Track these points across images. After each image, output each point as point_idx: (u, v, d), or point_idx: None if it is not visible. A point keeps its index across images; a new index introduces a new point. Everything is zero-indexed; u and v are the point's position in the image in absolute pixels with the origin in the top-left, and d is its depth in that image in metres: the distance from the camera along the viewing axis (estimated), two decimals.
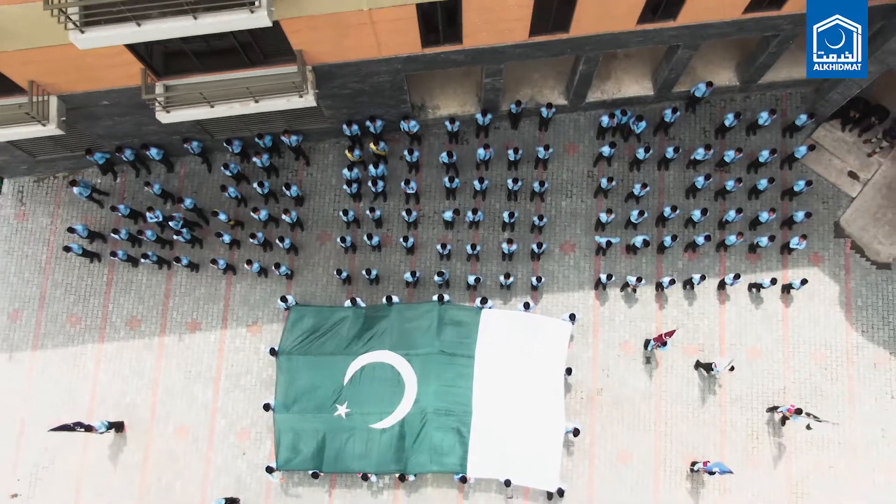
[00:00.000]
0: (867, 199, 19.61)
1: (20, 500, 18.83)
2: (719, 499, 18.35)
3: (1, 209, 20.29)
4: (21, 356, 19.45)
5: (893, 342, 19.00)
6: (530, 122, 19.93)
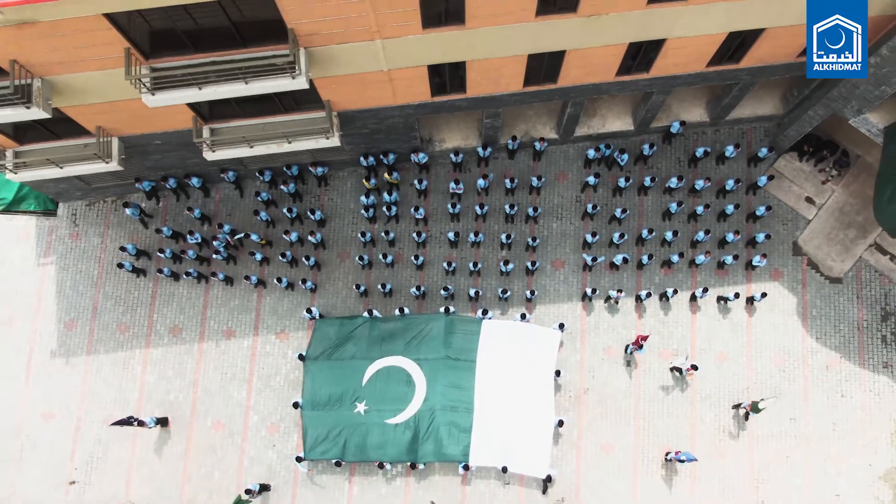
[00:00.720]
0: (822, 222, 22.25)
1: (77, 486, 21.45)
2: (690, 485, 20.98)
3: (57, 230, 22.92)
4: (76, 360, 22.07)
5: (843, 347, 21.64)
6: (525, 154, 22.57)
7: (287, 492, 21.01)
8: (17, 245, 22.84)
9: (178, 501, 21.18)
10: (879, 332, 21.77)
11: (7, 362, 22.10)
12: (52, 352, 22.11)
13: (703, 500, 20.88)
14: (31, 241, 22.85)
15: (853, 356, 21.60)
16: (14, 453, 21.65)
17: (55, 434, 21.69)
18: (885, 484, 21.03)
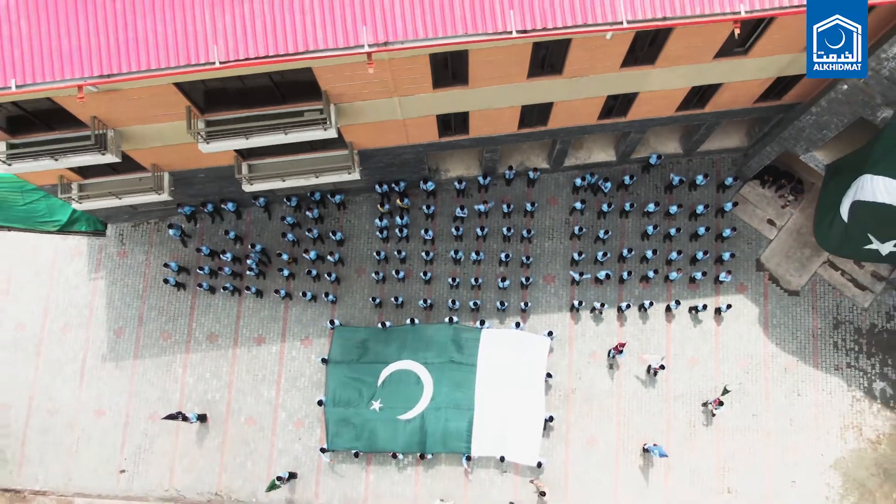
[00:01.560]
0: (781, 242, 25.22)
1: (127, 475, 24.40)
2: (665, 473, 23.94)
3: (106, 248, 25.89)
4: (125, 364, 25.03)
5: (800, 352, 24.60)
6: (520, 181, 25.54)
7: (312, 479, 23.98)
8: (71, 262, 25.81)
9: (216, 488, 24.15)
10: (831, 339, 24.74)
11: (63, 366, 25.07)
12: (103, 356, 25.08)
13: (675, 486, 23.84)
14: (83, 258, 25.83)
15: (808, 360, 24.57)
16: (70, 446, 24.62)
17: (107, 429, 24.65)
18: (835, 472, 23.98)
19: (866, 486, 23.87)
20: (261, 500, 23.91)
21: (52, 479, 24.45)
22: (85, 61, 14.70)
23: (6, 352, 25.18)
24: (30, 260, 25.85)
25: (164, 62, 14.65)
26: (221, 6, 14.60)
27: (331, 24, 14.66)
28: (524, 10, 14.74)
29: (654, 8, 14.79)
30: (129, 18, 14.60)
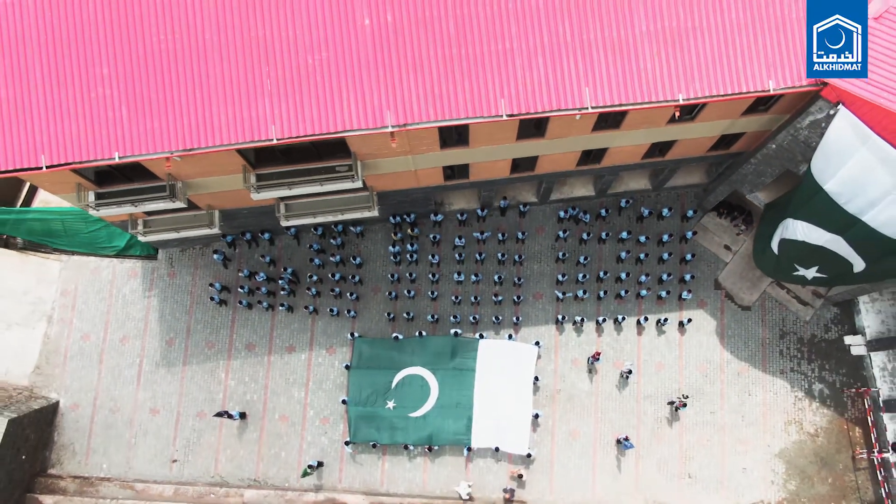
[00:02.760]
0: (736, 264, 29.50)
1: (178, 464, 28.65)
2: (635, 461, 28.22)
3: (157, 270, 30.15)
4: (175, 369, 29.28)
5: (751, 359, 28.87)
6: (513, 213, 29.83)
7: (336, 467, 28.25)
8: (127, 281, 30.07)
9: (254, 475, 28.40)
10: (778, 348, 29.02)
11: (122, 371, 29.32)
12: (156, 363, 29.34)
13: (644, 472, 28.12)
14: (138, 278, 30.09)
15: (758, 365, 28.84)
16: (129, 440, 28.87)
17: (160, 425, 28.90)
18: (779, 460, 28.25)
19: (806, 473, 28.16)
20: (293, 485, 28.18)
21: (114, 467, 28.70)
22: (172, 138, 19.01)
23: (74, 359, 29.43)
24: (92, 280, 30.11)
25: (234, 139, 18.98)
26: (279, 96, 18.92)
27: (363, 109, 18.98)
28: (512, 98, 19.06)
29: (612, 96, 19.11)
30: (208, 106, 18.92)
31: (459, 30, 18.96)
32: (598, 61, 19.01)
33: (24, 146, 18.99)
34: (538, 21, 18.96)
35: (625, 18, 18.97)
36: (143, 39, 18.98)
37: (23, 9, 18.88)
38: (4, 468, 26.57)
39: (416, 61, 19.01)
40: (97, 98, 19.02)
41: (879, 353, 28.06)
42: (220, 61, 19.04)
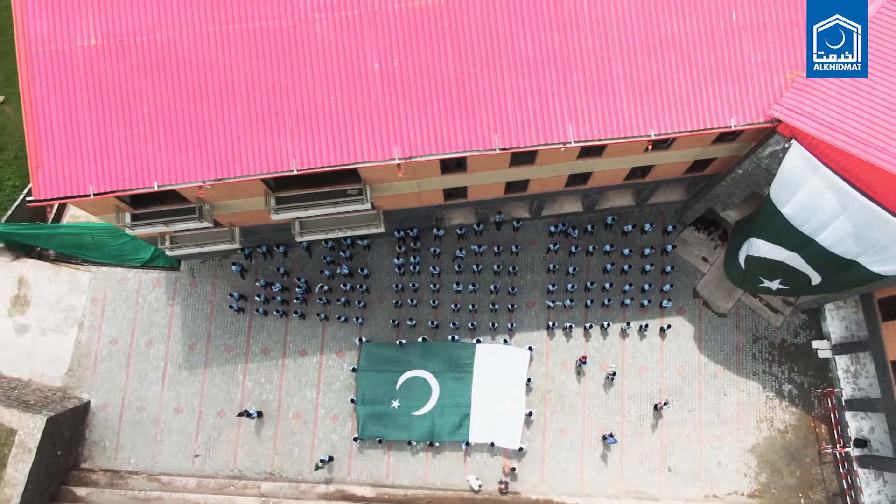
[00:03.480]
0: (713, 274, 32.06)
1: (200, 458, 31.18)
2: (619, 455, 30.76)
3: (180, 280, 32.69)
4: (197, 371, 31.82)
5: (726, 362, 31.42)
6: (507, 228, 32.39)
7: (345, 461, 30.80)
8: (152, 290, 32.61)
9: (270, 468, 30.95)
10: (751, 351, 31.58)
11: (148, 373, 31.85)
12: (179, 366, 31.88)
13: (628, 465, 30.68)
14: (162, 287, 32.63)
15: (732, 367, 31.39)
16: (155, 436, 31.41)
17: (183, 423, 31.44)
18: (752, 455, 30.80)
19: (776, 466, 30.72)
20: (306, 477, 30.73)
21: (141, 462, 31.24)
22: (205, 168, 21.56)
23: (103, 363, 31.98)
24: (120, 289, 32.66)
25: (259, 170, 21.54)
26: (298, 133, 21.48)
27: (373, 143, 21.54)
28: (503, 133, 21.61)
29: (592, 132, 21.68)
30: (236, 140, 21.47)
31: (458, 74, 21.52)
32: (579, 102, 21.58)
33: (75, 177, 21.54)
34: (527, 67, 21.51)
35: (603, 65, 21.53)
36: (180, 82, 21.53)
37: (73, 57, 21.43)
38: (43, 462, 29.09)
39: (419, 102, 21.56)
40: (138, 134, 21.58)
41: (843, 356, 30.60)
42: (247, 101, 21.59)
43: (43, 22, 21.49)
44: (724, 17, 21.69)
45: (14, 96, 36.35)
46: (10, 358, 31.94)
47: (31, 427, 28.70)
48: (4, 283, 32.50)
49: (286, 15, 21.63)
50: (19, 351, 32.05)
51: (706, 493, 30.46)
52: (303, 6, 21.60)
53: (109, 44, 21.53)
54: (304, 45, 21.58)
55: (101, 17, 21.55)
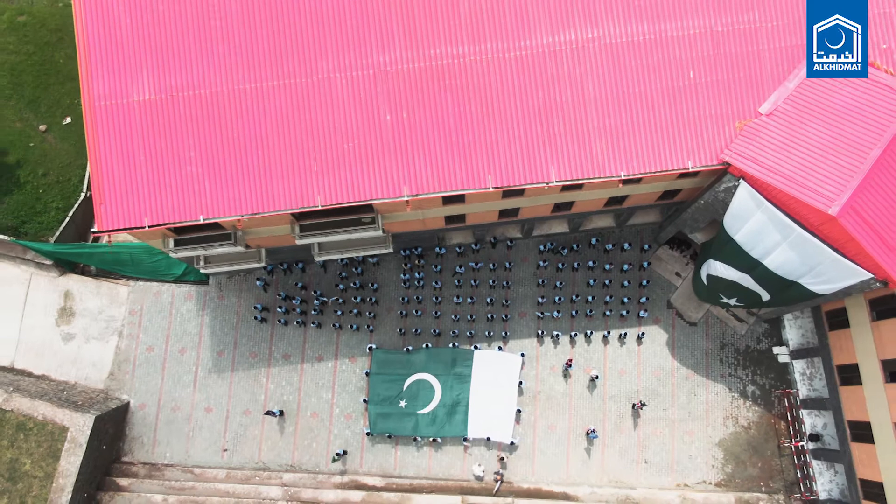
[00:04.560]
0: (685, 288, 35.93)
1: (228, 452, 35.01)
2: (601, 449, 34.63)
3: (209, 293, 36.53)
4: (225, 375, 35.66)
5: (696, 366, 35.27)
6: (501, 246, 36.25)
7: (357, 455, 34.65)
8: (184, 303, 36.45)
9: (291, 461, 34.79)
10: (718, 357, 35.45)
11: (181, 377, 35.68)
12: (209, 370, 35.72)
13: (609, 458, 34.53)
14: (193, 300, 36.48)
15: (702, 371, 35.26)
16: (188, 432, 35.23)
17: (213, 421, 35.27)
18: (719, 448, 34.66)
19: (740, 458, 34.58)
20: (322, 469, 34.58)
21: (175, 455, 35.07)
22: (243, 204, 25.41)
23: (141, 367, 35.82)
24: (155, 301, 36.49)
25: (289, 205, 25.39)
26: (322, 173, 25.32)
27: (385, 183, 25.40)
28: (496, 174, 25.47)
29: (571, 173, 25.54)
30: (269, 180, 25.31)
31: (457, 124, 25.38)
32: (560, 148, 25.45)
33: (132, 211, 25.40)
34: (516, 118, 25.38)
35: (580, 116, 25.40)
36: (221, 130, 25.39)
37: (130, 109, 25.28)
38: (91, 455, 32.90)
39: (424, 147, 25.43)
40: (186, 174, 25.43)
41: (800, 360, 34.47)
42: (279, 147, 25.45)
43: (105, 80, 25.36)
44: (683, 76, 25.60)
45: (55, 125, 40.24)
46: (58, 363, 35.81)
47: (81, 424, 32.51)
48: (52, 296, 36.35)
49: (311, 74, 25.51)
50: (66, 357, 35.92)
51: (678, 482, 34.32)
52: (325, 67, 25.48)
53: (161, 98, 25.41)
54: (327, 100, 25.45)
55: (154, 76, 25.42)
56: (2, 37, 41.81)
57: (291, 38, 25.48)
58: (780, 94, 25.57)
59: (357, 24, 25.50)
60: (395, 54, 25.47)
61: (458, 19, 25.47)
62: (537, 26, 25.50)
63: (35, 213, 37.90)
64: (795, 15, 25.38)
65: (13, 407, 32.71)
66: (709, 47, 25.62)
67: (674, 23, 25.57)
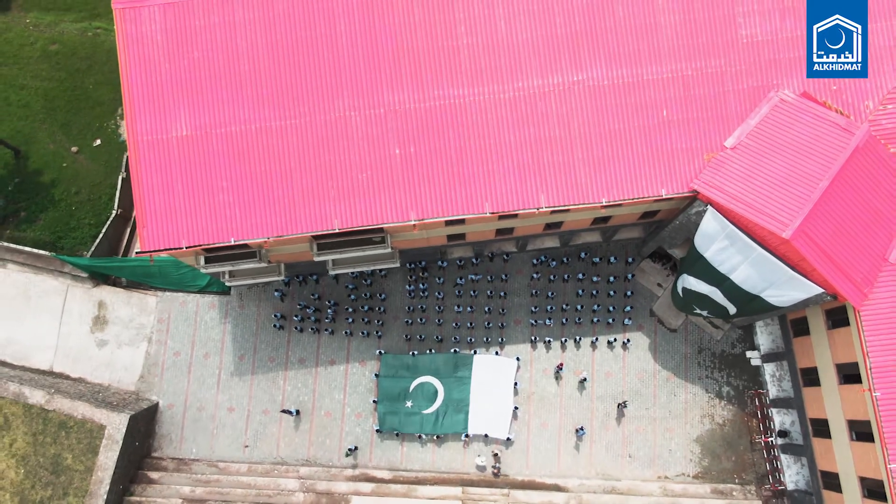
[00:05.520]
0: (666, 297, 39.31)
1: (249, 448, 38.36)
2: (589, 445, 38.00)
3: (230, 303, 39.90)
4: (245, 378, 39.02)
5: (676, 368, 38.64)
6: (498, 259, 39.64)
7: (367, 450, 38.02)
8: (208, 311, 39.81)
9: (306, 456, 38.14)
10: (696, 360, 38.83)
11: (206, 379, 39.04)
12: (231, 373, 39.09)
13: (596, 453, 37.91)
14: (215, 309, 39.84)
15: (681, 373, 38.65)
16: (212, 430, 38.59)
17: (235, 419, 38.63)
18: (696, 444, 38.05)
19: (716, 453, 37.96)
20: (336, 463, 37.95)
21: (201, 451, 38.44)
22: (269, 227, 28.78)
23: (169, 371, 39.18)
24: (181, 310, 39.85)
25: (310, 229, 28.77)
26: (338, 200, 28.70)
27: (395, 210, 28.79)
28: (493, 200, 28.87)
29: (559, 199, 28.93)
30: (292, 206, 28.70)
31: (458, 157, 28.77)
32: (549, 178, 28.85)
33: (171, 234, 28.75)
34: (510, 151, 28.77)
35: (567, 150, 28.81)
36: (249, 162, 28.76)
37: (169, 144, 28.64)
38: (126, 451, 36.23)
39: (429, 177, 28.81)
40: (218, 202, 28.80)
41: (770, 363, 37.84)
42: (300, 177, 28.82)
43: (147, 119, 28.73)
44: (657, 114, 29.00)
45: (86, 147, 43.64)
46: (93, 367, 39.18)
47: (117, 423, 35.85)
48: (87, 305, 39.72)
49: (329, 112, 28.90)
50: (100, 361, 39.29)
51: (659, 474, 37.70)
52: (342, 105, 28.86)
53: (197, 134, 28.79)
54: (343, 135, 28.83)
55: (190, 115, 28.80)
56: (36, 64, 45.24)
57: (312, 80, 28.85)
58: (743, 130, 29.00)
59: (370, 68, 28.87)
60: (403, 95, 28.85)
61: (459, 65, 28.85)
62: (529, 70, 28.89)
63: (70, 228, 41.32)
64: (756, 60, 28.84)
65: (55, 407, 36.07)
66: (680, 89, 29.03)
67: (649, 68, 28.97)
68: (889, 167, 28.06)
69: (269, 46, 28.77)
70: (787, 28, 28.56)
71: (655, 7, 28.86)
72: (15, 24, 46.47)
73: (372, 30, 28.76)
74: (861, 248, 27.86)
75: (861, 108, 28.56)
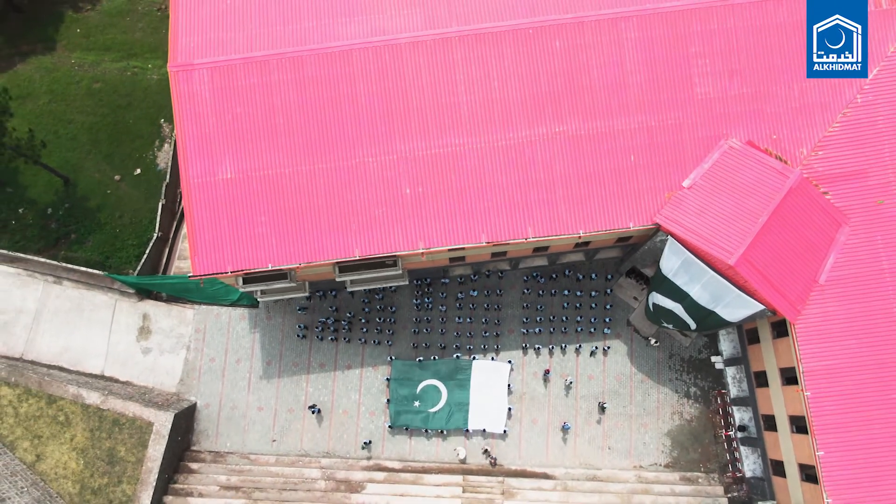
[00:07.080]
0: (641, 310, 44.76)
1: (276, 442, 43.79)
2: (574, 438, 43.45)
3: (258, 315, 45.37)
4: (272, 380, 44.46)
5: (650, 371, 44.10)
6: (494, 276, 45.12)
7: (380, 444, 43.48)
8: (239, 322, 45.28)
9: (327, 448, 43.59)
10: (668, 364, 44.32)
11: (237, 382, 44.50)
12: (260, 376, 44.55)
13: (580, 445, 43.35)
14: (245, 320, 45.31)
15: (654, 376, 44.10)
16: (244, 426, 44.03)
17: (264, 417, 44.08)
18: (667, 437, 43.50)
19: (684, 445, 43.42)
20: (352, 455, 43.40)
21: (234, 445, 43.88)
22: (300, 255, 34.26)
23: (205, 375, 44.64)
24: (215, 321, 45.31)
25: (334, 256, 34.26)
26: (359, 232, 34.19)
27: (406, 240, 34.29)
28: (488, 232, 34.36)
29: (544, 230, 34.42)
30: (320, 237, 34.18)
31: (459, 195, 34.28)
32: (535, 212, 34.36)
33: (217, 261, 34.24)
34: (502, 190, 34.29)
35: (550, 189, 34.31)
36: (284, 201, 34.24)
37: (216, 185, 34.11)
38: (171, 445, 41.67)
39: (435, 212, 34.30)
40: (258, 234, 34.29)
41: (731, 367, 43.27)
42: (326, 212, 34.29)
43: (198, 164, 34.20)
44: (626, 159, 34.50)
45: (127, 176, 49.12)
46: (139, 372, 44.66)
47: (163, 420, 41.29)
48: (134, 317, 45.20)
49: (350, 158, 34.37)
50: (145, 367, 44.76)
51: (635, 464, 43.17)
52: (361, 153, 34.35)
53: (239, 177, 34.27)
54: (362, 178, 34.32)
55: (234, 161, 34.27)
56: (81, 101, 50.76)
57: (336, 132, 34.33)
58: (698, 172, 34.50)
59: (385, 121, 34.35)
60: (413, 144, 34.34)
61: (460, 118, 34.33)
62: (518, 123, 34.38)
63: (115, 249, 46.84)
64: (709, 113, 34.34)
65: (109, 407, 41.53)
66: (645, 138, 34.54)
67: (619, 120, 34.47)
68: (818, 205, 33.57)
69: (301, 103, 34.23)
70: (734, 87, 34.24)
71: (624, 69, 34.35)
72: (62, 65, 51.96)
73: (387, 89, 34.24)
74: (795, 272, 33.36)
75: (797, 154, 34.16)
